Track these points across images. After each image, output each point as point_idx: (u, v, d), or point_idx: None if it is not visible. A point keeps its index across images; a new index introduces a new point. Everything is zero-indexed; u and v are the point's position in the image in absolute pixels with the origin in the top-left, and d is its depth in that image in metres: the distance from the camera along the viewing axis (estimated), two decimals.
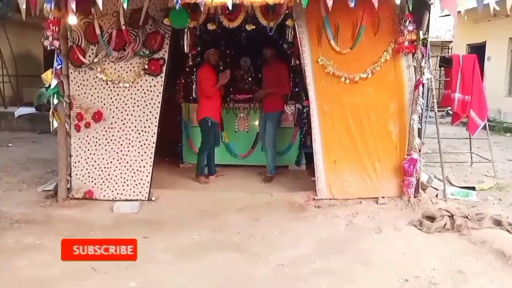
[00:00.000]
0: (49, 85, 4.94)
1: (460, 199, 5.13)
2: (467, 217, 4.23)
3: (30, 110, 10.83)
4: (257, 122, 6.31)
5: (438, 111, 6.17)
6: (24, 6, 4.11)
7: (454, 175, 6.26)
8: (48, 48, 4.83)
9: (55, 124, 4.92)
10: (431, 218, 4.30)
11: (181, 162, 6.41)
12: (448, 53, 14.53)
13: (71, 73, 4.98)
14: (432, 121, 5.84)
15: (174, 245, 3.82)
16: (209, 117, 5.51)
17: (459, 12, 4.14)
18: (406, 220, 4.38)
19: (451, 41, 15.75)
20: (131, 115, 4.99)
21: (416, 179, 4.86)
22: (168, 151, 6.46)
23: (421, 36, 4.70)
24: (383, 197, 4.88)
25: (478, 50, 12.41)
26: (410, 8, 4.54)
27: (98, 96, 5.00)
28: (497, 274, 3.34)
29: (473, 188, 5.51)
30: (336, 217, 4.51)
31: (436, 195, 5.10)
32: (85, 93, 5.00)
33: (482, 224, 4.13)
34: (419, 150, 4.90)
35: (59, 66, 4.89)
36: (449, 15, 4.55)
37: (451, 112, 7.55)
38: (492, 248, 3.71)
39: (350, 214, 4.56)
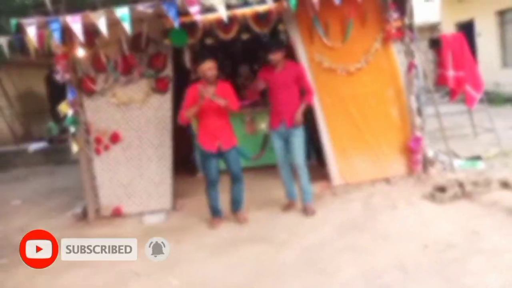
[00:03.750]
0: (65, 116, 5.26)
1: (467, 169, 5.33)
2: (475, 184, 4.47)
3: (43, 144, 11.15)
4: (263, 125, 6.51)
5: (437, 91, 6.39)
6: (35, 45, 4.42)
7: (459, 148, 6.46)
8: (60, 81, 5.13)
9: (76, 149, 5.20)
10: (442, 189, 4.52)
11: (197, 172, 6.66)
12: (437, 34, 14.73)
13: (84, 101, 5.29)
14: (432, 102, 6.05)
15: (205, 244, 4.09)
16: (201, 145, 4.49)
17: None
18: (419, 195, 4.62)
19: (440, 23, 15.97)
20: (146, 132, 5.27)
21: (422, 156, 5.10)
22: (183, 163, 6.71)
23: (407, 22, 4.97)
24: (394, 177, 5.12)
25: (467, 27, 12.67)
26: None
27: (112, 119, 5.29)
28: (509, 229, 3.57)
29: (479, 158, 5.72)
30: (352, 201, 4.76)
31: (444, 169, 5.32)
32: (100, 118, 5.29)
33: (490, 188, 4.37)
34: (422, 128, 5.15)
35: (72, 97, 5.20)
36: None
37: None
38: (503, 207, 3.96)
39: (365, 196, 4.81)
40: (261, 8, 4.83)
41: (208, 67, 4.30)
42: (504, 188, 4.33)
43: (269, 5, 4.64)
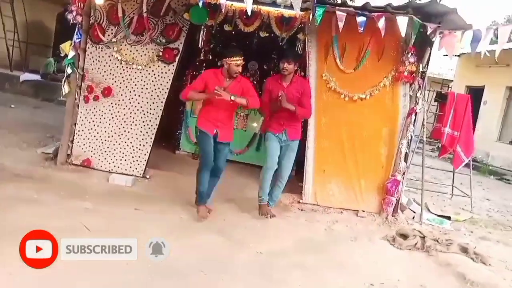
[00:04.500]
0: (65, 55, 5.20)
1: (434, 225, 5.41)
2: (437, 241, 4.53)
3: (36, 76, 11.02)
4: (255, 124, 6.54)
5: (430, 143, 6.45)
6: None
7: (433, 203, 6.54)
8: (71, 22, 5.06)
9: (66, 91, 5.15)
10: (404, 236, 4.58)
11: (178, 149, 6.64)
12: (446, 90, 14.95)
13: (88, 48, 5.23)
14: (421, 152, 6.11)
15: (163, 219, 4.08)
16: (199, 127, 4.31)
17: (459, 55, 4.45)
18: (381, 235, 4.66)
19: (452, 80, 16.21)
20: (139, 96, 5.24)
21: (396, 199, 5.15)
22: (165, 138, 6.68)
23: (420, 69, 5.02)
24: (363, 211, 5.16)
25: (476, 93, 12.85)
26: (413, 42, 4.82)
27: (110, 73, 5.25)
28: None
29: (448, 218, 5.80)
30: (317, 222, 4.79)
31: (413, 218, 5.38)
32: (98, 68, 5.25)
33: (449, 249, 4.42)
34: (403, 173, 5.20)
35: (78, 40, 5.15)
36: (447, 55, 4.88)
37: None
38: (455, 271, 3.99)
39: (330, 221, 4.84)
40: (287, 12, 4.85)
41: (237, 64, 4.16)
42: (463, 253, 4.38)
43: (295, 12, 4.65)
